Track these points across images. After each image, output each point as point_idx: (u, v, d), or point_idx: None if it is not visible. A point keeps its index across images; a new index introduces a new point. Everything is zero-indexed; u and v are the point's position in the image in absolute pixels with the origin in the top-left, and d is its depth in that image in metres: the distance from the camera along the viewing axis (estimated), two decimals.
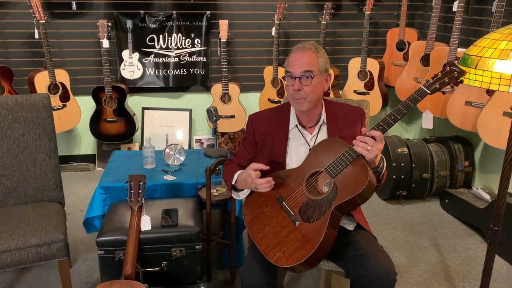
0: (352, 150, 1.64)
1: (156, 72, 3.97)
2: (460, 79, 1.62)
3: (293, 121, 1.89)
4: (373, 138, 1.61)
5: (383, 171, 1.73)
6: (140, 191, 2.19)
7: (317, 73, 1.76)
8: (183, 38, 3.93)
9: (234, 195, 1.92)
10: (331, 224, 1.63)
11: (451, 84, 1.63)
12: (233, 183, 1.87)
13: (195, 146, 4.20)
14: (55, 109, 3.59)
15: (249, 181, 1.75)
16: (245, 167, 1.86)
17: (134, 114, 3.97)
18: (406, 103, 1.63)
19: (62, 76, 3.66)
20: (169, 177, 2.52)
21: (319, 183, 1.73)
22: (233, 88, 3.94)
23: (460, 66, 1.66)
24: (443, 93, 3.35)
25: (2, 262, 2.00)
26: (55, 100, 3.63)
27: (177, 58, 3.96)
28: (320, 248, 1.59)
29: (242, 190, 1.88)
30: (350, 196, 1.61)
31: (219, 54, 3.90)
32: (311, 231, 1.64)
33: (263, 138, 1.90)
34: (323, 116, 1.87)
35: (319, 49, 1.80)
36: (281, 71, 3.87)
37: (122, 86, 3.85)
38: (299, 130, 1.88)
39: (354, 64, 3.93)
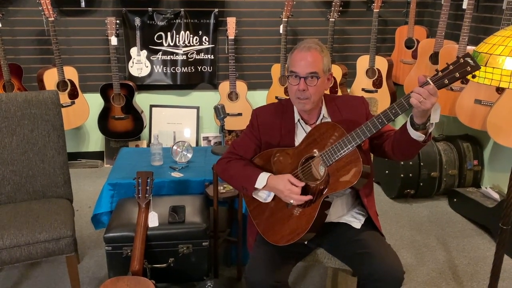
0: (349, 140, 1.63)
1: (164, 69, 3.98)
2: (473, 74, 1.46)
3: (296, 116, 1.89)
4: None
5: (431, 129, 1.61)
6: (147, 187, 2.20)
7: (321, 73, 1.75)
8: (191, 35, 3.94)
9: (255, 195, 1.86)
10: (320, 211, 1.71)
11: (462, 80, 1.50)
12: (256, 186, 1.80)
13: (203, 143, 4.20)
14: (63, 106, 3.61)
15: (286, 195, 1.73)
16: (251, 158, 1.92)
17: (142, 112, 3.99)
18: (408, 97, 1.51)
19: (71, 73, 3.68)
20: (176, 174, 2.53)
21: (315, 166, 1.74)
22: (241, 85, 3.94)
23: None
24: (451, 89, 3.31)
25: (11, 257, 2.02)
26: (64, 97, 3.65)
27: (184, 56, 3.97)
28: (306, 234, 1.72)
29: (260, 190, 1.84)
30: (341, 188, 1.66)
31: (226, 52, 3.90)
32: (301, 217, 1.74)
33: (269, 131, 1.89)
34: (323, 111, 1.86)
35: (323, 48, 1.77)
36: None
37: (130, 83, 3.87)
38: (302, 126, 1.88)
39: (363, 62, 3.91)
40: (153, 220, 2.18)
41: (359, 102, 1.88)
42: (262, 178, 1.79)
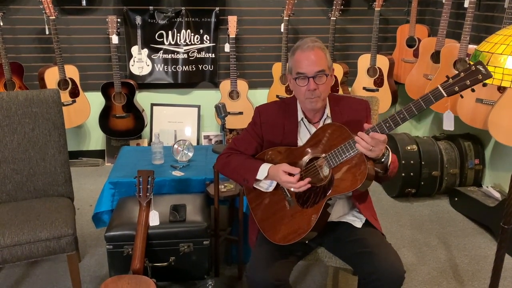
0: (354, 143, 1.62)
1: (165, 68, 3.98)
2: (484, 82, 1.45)
3: (299, 114, 1.89)
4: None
5: (388, 162, 1.68)
6: (148, 186, 2.20)
7: (328, 70, 1.76)
8: (192, 34, 3.94)
9: (257, 185, 1.85)
10: (323, 213, 1.70)
11: (472, 88, 1.45)
12: (257, 177, 1.80)
13: (204, 142, 4.20)
14: (64, 105, 3.61)
15: (285, 186, 1.77)
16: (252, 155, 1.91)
17: (143, 110, 3.99)
18: (419, 103, 1.51)
19: (72, 72, 3.68)
20: (177, 173, 2.53)
21: (319, 167, 1.74)
22: (242, 84, 3.94)
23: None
24: (462, 96, 3.29)
25: (12, 256, 2.03)
26: (65, 96, 3.65)
27: (185, 55, 3.97)
28: (308, 234, 1.72)
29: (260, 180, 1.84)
30: (345, 191, 1.66)
31: (227, 51, 3.89)
32: (303, 218, 1.73)
33: (271, 129, 1.89)
34: (327, 111, 1.86)
35: (323, 45, 1.79)
36: None
37: (131, 82, 3.87)
38: (305, 125, 1.88)
39: (364, 61, 3.90)
40: (154, 218, 2.18)
41: (363, 107, 1.88)
42: (263, 170, 1.80)
